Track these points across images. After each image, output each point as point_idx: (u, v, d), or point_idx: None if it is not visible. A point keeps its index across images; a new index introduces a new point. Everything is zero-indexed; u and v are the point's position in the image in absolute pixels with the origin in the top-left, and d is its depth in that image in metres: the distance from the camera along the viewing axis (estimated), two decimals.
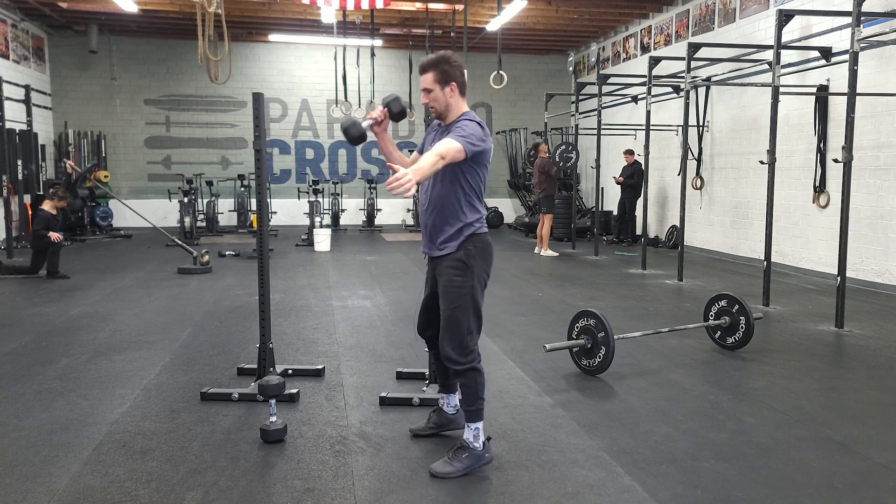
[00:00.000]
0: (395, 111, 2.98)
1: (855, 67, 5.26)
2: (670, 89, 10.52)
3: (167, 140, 14.40)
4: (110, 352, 4.62)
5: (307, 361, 4.39)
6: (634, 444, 3.10)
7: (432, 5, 11.09)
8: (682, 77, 7.64)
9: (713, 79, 9.51)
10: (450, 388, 3.19)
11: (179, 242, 8.92)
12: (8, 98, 10.05)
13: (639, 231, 10.85)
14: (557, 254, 10.09)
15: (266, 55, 14.55)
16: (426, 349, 3.30)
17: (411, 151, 12.75)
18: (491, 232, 13.97)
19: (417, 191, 2.79)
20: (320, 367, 4.14)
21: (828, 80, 7.80)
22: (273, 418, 3.12)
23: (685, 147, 7.94)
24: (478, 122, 2.81)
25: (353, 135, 2.85)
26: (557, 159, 10.43)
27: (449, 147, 2.64)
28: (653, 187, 11.60)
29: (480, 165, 2.83)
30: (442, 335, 2.85)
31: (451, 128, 2.81)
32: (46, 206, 8.00)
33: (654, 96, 9.51)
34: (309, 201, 12.32)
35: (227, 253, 9.73)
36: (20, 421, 3.35)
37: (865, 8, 5.62)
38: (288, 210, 14.38)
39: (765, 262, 6.40)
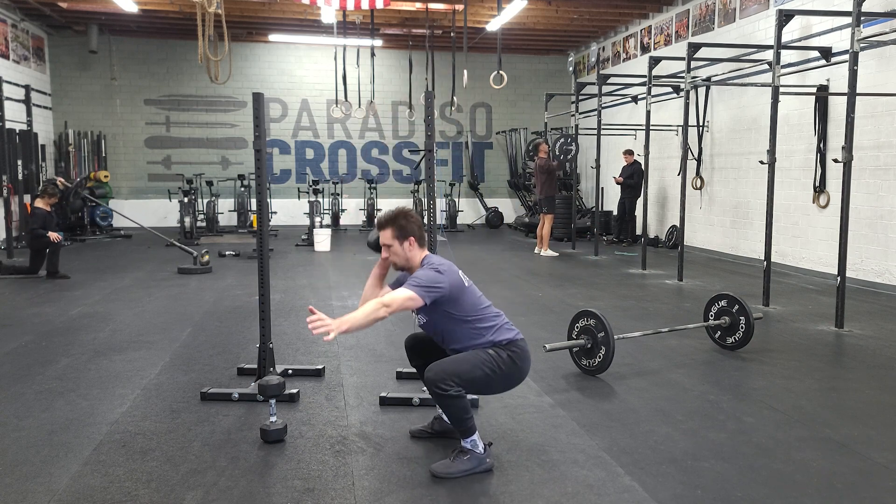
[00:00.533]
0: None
1: (855, 67, 5.26)
2: (670, 89, 10.52)
3: (167, 140, 14.40)
4: (110, 352, 4.62)
5: (307, 361, 4.39)
6: (634, 444, 3.10)
7: (432, 5, 11.08)
8: (682, 77, 7.64)
9: (713, 79, 9.51)
10: None
11: (177, 244, 8.92)
12: (8, 98, 10.05)
13: (639, 231, 10.85)
14: (557, 254, 10.09)
15: (266, 55, 14.55)
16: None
17: (412, 151, 12.70)
18: (491, 232, 13.77)
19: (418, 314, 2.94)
20: (320, 367, 4.15)
21: (828, 80, 7.80)
22: (273, 418, 3.12)
23: (685, 147, 7.93)
24: (434, 268, 2.86)
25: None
26: (557, 152, 10.38)
27: (396, 297, 2.73)
28: (653, 187, 11.60)
29: (456, 298, 2.86)
30: (441, 361, 2.82)
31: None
32: (39, 203, 7.99)
33: (654, 96, 9.51)
34: (309, 201, 12.32)
35: (227, 253, 9.73)
36: (20, 421, 3.35)
37: (865, 8, 5.61)
38: (288, 210, 14.38)
39: (765, 262, 6.39)
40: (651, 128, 8.53)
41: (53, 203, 8.22)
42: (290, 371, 4.07)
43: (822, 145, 7.89)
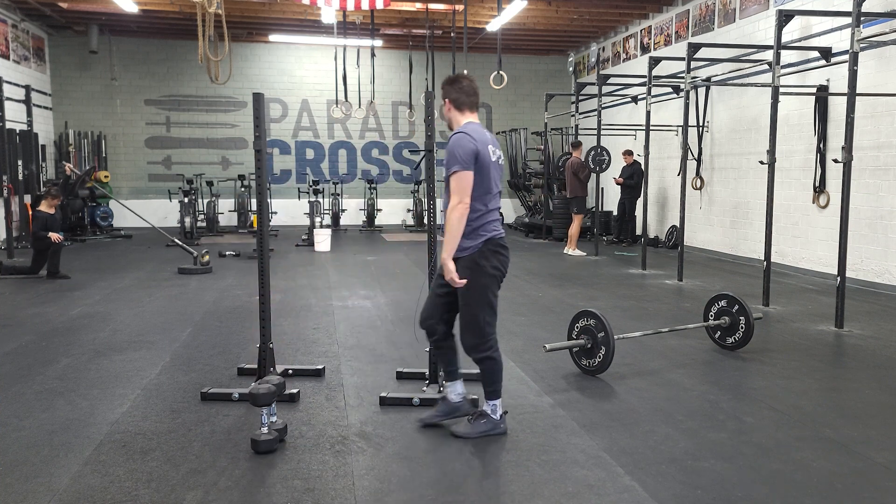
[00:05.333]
0: None
1: (855, 67, 5.26)
2: (670, 89, 10.52)
3: (167, 140, 14.40)
4: (110, 352, 4.62)
5: (307, 361, 4.39)
6: (634, 444, 3.10)
7: (432, 5, 11.09)
8: (682, 77, 7.64)
9: (713, 79, 9.51)
10: (453, 374, 3.33)
11: (179, 243, 8.92)
12: (8, 98, 10.05)
13: (639, 231, 10.85)
14: (585, 253, 10.06)
15: (266, 55, 14.56)
16: (428, 339, 3.36)
17: (412, 151, 12.74)
18: None
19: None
20: (320, 367, 4.15)
21: (828, 80, 7.80)
22: (264, 429, 2.99)
23: (685, 147, 7.93)
24: (465, 133, 3.05)
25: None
26: (592, 164, 10.37)
27: (456, 190, 3.00)
28: (653, 187, 11.60)
29: (482, 166, 3.06)
30: (462, 329, 3.15)
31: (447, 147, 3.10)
32: (43, 206, 8.01)
33: (654, 96, 9.51)
34: (309, 201, 12.33)
35: (227, 253, 9.73)
36: (20, 421, 3.35)
37: (865, 8, 5.62)
38: (288, 210, 14.38)
39: (765, 262, 6.40)
40: (651, 128, 8.53)
41: (56, 204, 8.23)
42: (290, 371, 4.07)
43: (822, 145, 7.89)
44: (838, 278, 5.45)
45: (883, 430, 3.29)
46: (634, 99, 11.63)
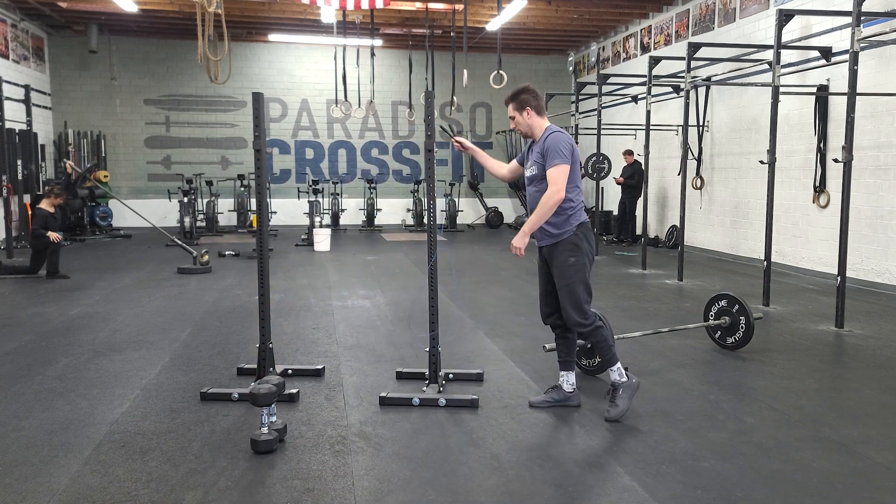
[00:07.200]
0: None
1: (855, 67, 5.26)
2: (670, 89, 10.52)
3: (167, 140, 14.40)
4: (110, 352, 4.62)
5: (307, 361, 4.39)
6: (634, 444, 3.10)
7: (432, 5, 11.08)
8: (682, 77, 7.64)
9: (713, 79, 9.51)
10: (569, 365, 3.59)
11: (179, 242, 8.92)
12: (8, 98, 10.04)
13: (639, 231, 10.85)
14: None
15: (266, 55, 14.55)
16: (553, 331, 3.64)
17: (411, 152, 12.67)
18: (491, 232, 13.76)
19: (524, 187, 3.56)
20: (320, 367, 4.14)
21: (828, 80, 7.80)
22: (264, 429, 3.01)
23: (685, 147, 7.93)
24: (562, 133, 3.41)
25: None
26: (591, 171, 10.33)
27: (556, 179, 3.31)
28: (653, 187, 11.60)
29: (573, 161, 3.42)
30: (564, 307, 3.43)
31: (542, 144, 3.42)
32: (44, 204, 8.01)
33: (654, 96, 9.50)
34: (309, 201, 12.32)
35: (226, 253, 9.72)
36: (20, 421, 3.34)
37: (865, 8, 5.62)
38: (288, 210, 14.38)
39: (765, 262, 6.39)
40: (651, 128, 8.53)
41: (58, 203, 8.22)
42: (290, 371, 4.07)
43: (822, 145, 7.89)
44: (838, 278, 5.45)
45: (883, 430, 3.29)
46: (634, 98, 11.62)
